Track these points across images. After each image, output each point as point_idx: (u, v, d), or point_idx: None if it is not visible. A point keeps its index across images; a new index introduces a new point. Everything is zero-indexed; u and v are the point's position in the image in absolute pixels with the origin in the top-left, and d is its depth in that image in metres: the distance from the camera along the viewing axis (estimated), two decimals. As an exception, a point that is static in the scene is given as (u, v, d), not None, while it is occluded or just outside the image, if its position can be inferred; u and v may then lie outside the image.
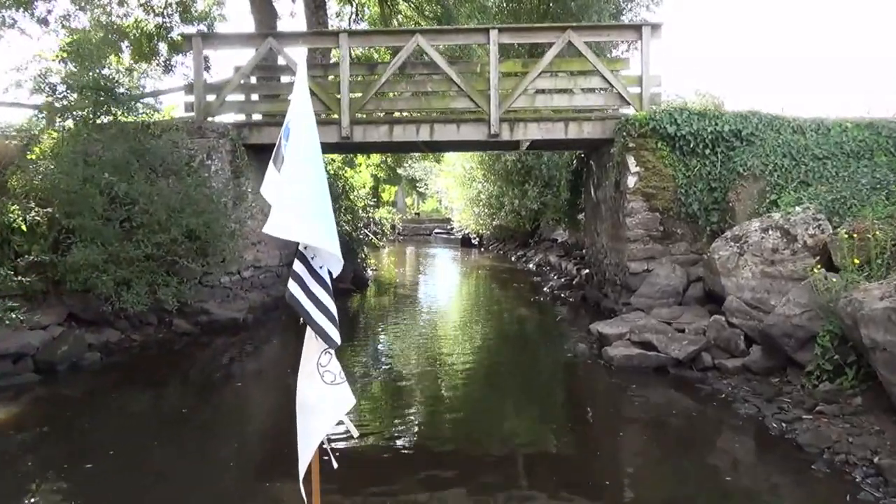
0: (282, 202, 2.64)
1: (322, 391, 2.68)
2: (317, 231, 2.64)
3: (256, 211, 11.31)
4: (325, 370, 2.70)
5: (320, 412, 2.69)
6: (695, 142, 9.24)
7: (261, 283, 11.79)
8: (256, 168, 11.30)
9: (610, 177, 10.42)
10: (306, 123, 2.74)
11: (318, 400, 2.68)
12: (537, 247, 22.86)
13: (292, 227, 2.59)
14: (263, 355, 8.71)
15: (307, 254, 2.74)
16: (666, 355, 7.10)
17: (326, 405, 2.68)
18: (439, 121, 10.36)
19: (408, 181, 39.37)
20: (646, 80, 10.11)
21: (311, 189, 2.68)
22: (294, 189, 2.63)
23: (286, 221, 2.60)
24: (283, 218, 2.60)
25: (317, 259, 2.76)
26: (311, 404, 2.71)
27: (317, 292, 2.72)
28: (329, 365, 2.70)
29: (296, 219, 2.60)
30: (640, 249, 9.47)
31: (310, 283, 2.72)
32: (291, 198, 2.62)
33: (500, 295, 14.44)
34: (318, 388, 2.69)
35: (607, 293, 10.90)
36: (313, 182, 2.70)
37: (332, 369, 2.70)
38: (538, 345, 9.09)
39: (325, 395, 2.68)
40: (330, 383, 2.69)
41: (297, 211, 2.61)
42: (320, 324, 2.67)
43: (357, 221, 16.16)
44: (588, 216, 12.95)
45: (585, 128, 10.23)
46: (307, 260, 2.74)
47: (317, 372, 2.70)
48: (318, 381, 2.69)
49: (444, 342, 9.08)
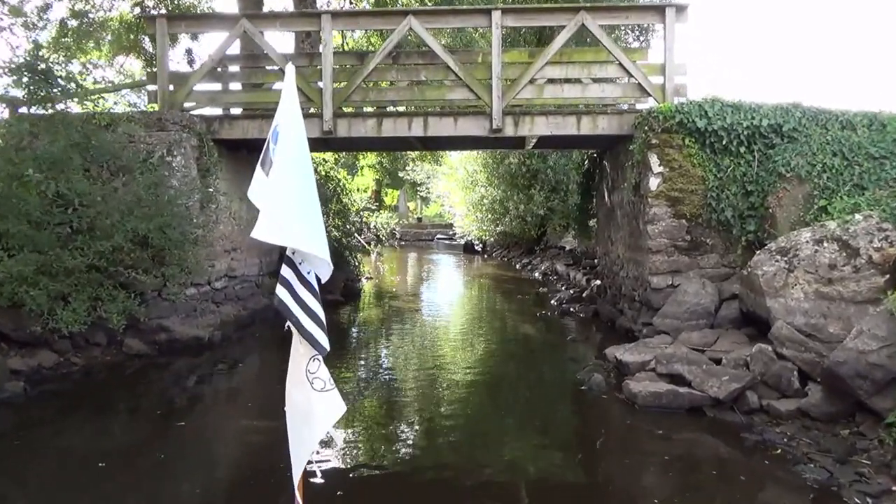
0: (270, 206, 2.60)
1: (312, 398, 2.65)
2: (305, 236, 2.63)
3: (230, 214, 10.12)
4: (314, 377, 2.67)
5: (312, 420, 2.66)
6: (728, 138, 8.00)
7: (236, 294, 10.59)
8: (230, 166, 10.11)
9: (628, 179, 9.18)
10: (295, 127, 2.71)
11: (310, 407, 2.66)
12: (543, 254, 21.62)
13: (280, 231, 2.57)
14: (229, 380, 7.49)
15: (295, 258, 2.71)
16: (702, 393, 5.84)
17: (318, 413, 2.65)
18: (434, 114, 9.14)
19: (410, 185, 38.21)
20: (669, 68, 8.88)
21: (300, 193, 2.66)
22: (282, 193, 2.60)
23: (274, 226, 2.57)
24: (271, 222, 2.58)
25: (305, 264, 2.73)
26: (302, 412, 2.70)
27: (305, 298, 2.69)
28: (318, 372, 2.67)
29: (284, 223, 2.58)
30: (664, 262, 8.22)
31: (298, 288, 2.70)
32: (280, 202, 2.60)
33: (504, 308, 13.18)
34: (308, 396, 2.65)
35: (623, 310, 9.64)
36: (302, 186, 2.68)
37: (322, 376, 2.67)
38: (545, 373, 7.83)
39: (315, 402, 2.65)
40: (320, 390, 2.66)
41: (285, 215, 2.59)
42: (309, 330, 2.65)
43: (349, 226, 14.97)
44: (601, 223, 11.70)
45: (600, 122, 9.00)
46: (295, 265, 2.72)
47: (306, 379, 2.66)
48: (307, 389, 2.65)
49: (436, 369, 7.85)
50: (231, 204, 10.16)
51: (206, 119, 9.24)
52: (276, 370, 8.52)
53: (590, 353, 8.64)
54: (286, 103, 2.77)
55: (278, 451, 4.91)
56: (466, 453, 5.30)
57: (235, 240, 10.41)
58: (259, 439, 5.48)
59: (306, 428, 2.70)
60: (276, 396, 2.78)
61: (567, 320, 11.26)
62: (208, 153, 9.00)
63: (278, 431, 5.66)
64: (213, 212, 9.13)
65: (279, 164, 2.65)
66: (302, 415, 2.71)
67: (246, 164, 10.77)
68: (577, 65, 9.10)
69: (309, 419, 2.68)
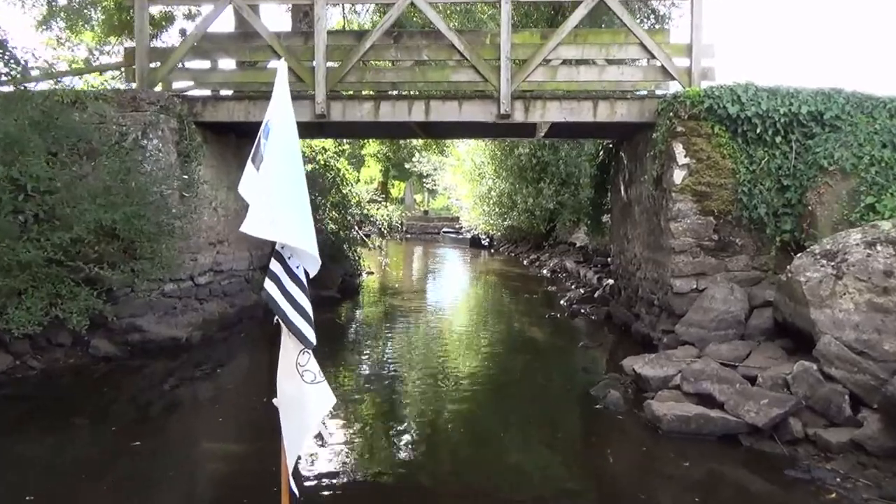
0: (260, 201, 2.61)
1: (303, 390, 2.67)
2: (294, 230, 2.64)
3: (215, 205, 9.38)
4: (304, 370, 2.67)
5: (304, 412, 2.68)
6: (763, 126, 7.17)
7: (222, 290, 9.86)
8: (216, 153, 9.36)
9: (648, 171, 8.37)
10: (287, 123, 2.72)
11: (301, 399, 2.68)
12: (552, 250, 20.82)
13: (269, 226, 2.58)
14: (205, 388, 6.76)
15: (284, 253, 2.73)
16: (736, 418, 5.05)
17: (309, 404, 2.68)
18: (437, 97, 8.35)
19: (416, 177, 37.42)
20: (696, 49, 8.05)
21: (289, 189, 2.67)
22: (272, 188, 2.61)
23: (263, 220, 2.59)
24: (261, 217, 2.59)
25: (294, 258, 2.74)
26: (294, 404, 2.72)
27: (293, 292, 2.71)
28: (308, 364, 2.68)
29: (273, 218, 2.59)
30: (688, 263, 7.41)
31: (286, 282, 2.71)
32: (270, 197, 2.60)
33: (510, 308, 12.40)
34: (298, 388, 2.67)
35: (640, 314, 8.85)
36: (291, 182, 2.69)
37: (312, 368, 2.68)
38: (555, 386, 7.05)
39: (306, 394, 2.67)
40: (310, 382, 2.67)
41: (274, 210, 2.60)
42: (296, 324, 2.67)
43: (349, 219, 14.20)
44: (615, 219, 10.89)
45: (619, 108, 8.18)
46: (284, 259, 2.73)
47: (296, 372, 2.67)
48: (298, 381, 2.67)
49: (434, 379, 7.09)
50: (216, 193, 9.42)
51: (188, 100, 8.48)
52: (261, 376, 7.79)
53: (604, 362, 7.86)
54: (278, 99, 2.75)
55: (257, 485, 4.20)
56: (466, 481, 4.54)
57: (222, 232, 9.67)
58: (230, 470, 4.70)
59: (298, 420, 2.72)
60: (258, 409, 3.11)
61: (577, 323, 10.48)
62: (189, 137, 8.24)
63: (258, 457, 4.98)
64: (194, 201, 8.38)
65: (269, 160, 2.64)
66: (294, 406, 2.73)
67: (234, 150, 10.02)
68: (594, 46, 8.27)
69: (301, 411, 2.70)
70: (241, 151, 10.21)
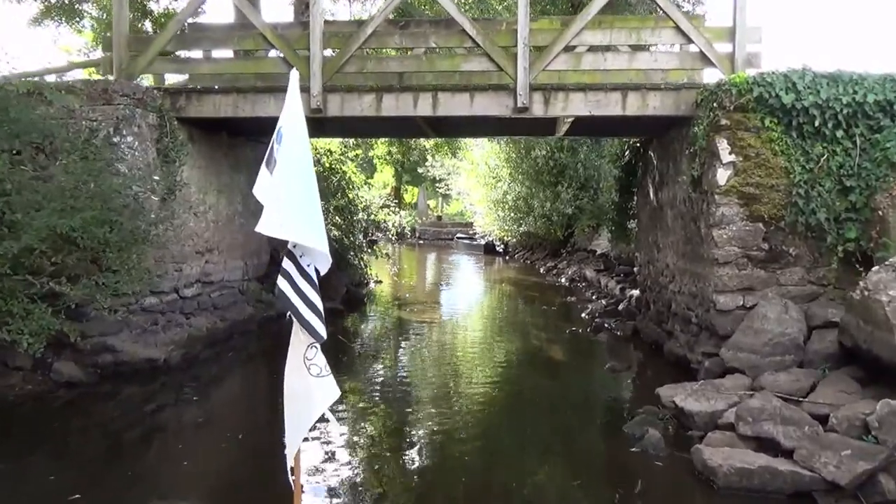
0: (274, 203, 2.75)
1: (309, 383, 2.80)
2: (306, 230, 2.81)
3: (204, 209, 8.55)
4: (311, 363, 2.79)
5: (308, 404, 2.81)
6: (822, 118, 6.19)
7: (212, 303, 9.01)
8: (204, 152, 8.53)
9: (684, 171, 7.42)
10: (299, 130, 2.90)
11: (306, 392, 2.80)
12: (570, 258, 19.84)
13: (282, 226, 2.74)
14: (178, 420, 5.89)
15: (296, 252, 2.87)
16: (811, 472, 4.08)
17: (314, 397, 2.80)
18: (446, 89, 7.45)
19: (430, 182, 36.57)
20: (740, 33, 7.11)
21: (302, 191, 2.84)
22: (285, 190, 2.77)
23: (278, 220, 2.73)
24: (276, 217, 2.73)
25: (305, 257, 2.88)
26: (299, 396, 2.84)
27: (304, 288, 2.83)
28: (315, 358, 2.80)
29: (287, 218, 2.75)
30: (734, 276, 6.44)
31: (298, 279, 2.83)
32: (282, 199, 2.75)
33: (527, 321, 11.44)
34: (305, 381, 2.80)
35: (673, 332, 7.87)
36: (304, 185, 2.86)
37: (318, 362, 2.81)
38: (581, 421, 6.09)
39: (312, 387, 2.80)
40: (316, 376, 2.80)
41: (287, 211, 2.75)
42: (307, 318, 2.80)
43: (354, 225, 13.33)
44: (643, 225, 9.91)
45: (651, 100, 7.24)
46: (296, 258, 2.86)
47: (304, 365, 2.80)
48: (304, 374, 2.80)
49: (441, 408, 6.18)
50: (205, 197, 8.58)
51: (170, 93, 7.66)
52: (247, 403, 6.75)
53: (636, 389, 6.90)
54: (290, 106, 2.91)
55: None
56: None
57: (211, 240, 8.84)
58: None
59: (303, 412, 2.82)
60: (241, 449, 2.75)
61: (601, 339, 9.51)
62: (171, 134, 7.42)
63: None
64: (176, 206, 7.55)
65: (282, 164, 2.78)
66: (299, 399, 2.82)
67: (226, 150, 9.19)
68: (623, 30, 7.34)
69: (306, 403, 2.81)
70: (233, 152, 9.39)
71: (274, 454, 3.84)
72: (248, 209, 9.96)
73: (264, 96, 7.55)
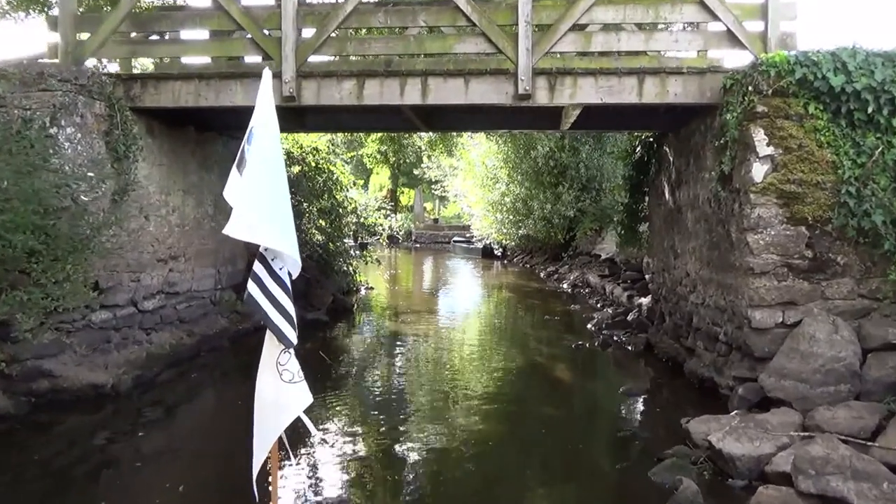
0: (243, 205, 2.69)
1: (280, 389, 2.74)
2: (277, 234, 2.76)
3: (166, 212, 7.63)
4: (283, 369, 2.74)
5: (279, 410, 2.73)
6: (876, 104, 5.29)
7: (178, 316, 8.08)
8: (166, 148, 7.62)
9: (708, 167, 6.51)
10: (270, 131, 2.83)
11: (277, 398, 2.74)
12: (572, 262, 18.93)
13: (253, 229, 2.68)
14: (118, 458, 4.95)
15: (268, 255, 2.82)
16: (903, 550, 3.16)
17: (285, 403, 2.73)
18: (437, 73, 6.53)
19: (426, 184, 35.65)
20: (773, 9, 6.20)
21: (272, 193, 2.79)
22: (255, 192, 2.71)
23: (247, 224, 2.67)
24: (245, 220, 2.67)
25: (277, 261, 2.83)
26: (269, 402, 2.76)
27: (276, 293, 2.79)
28: (288, 364, 2.74)
29: (257, 221, 2.69)
30: (772, 289, 5.52)
31: (269, 284, 2.78)
32: (252, 201, 2.70)
33: (528, 333, 10.50)
34: (276, 387, 2.74)
35: (695, 349, 6.96)
36: (274, 187, 2.81)
37: (291, 368, 2.74)
38: (600, 460, 5.16)
39: (283, 393, 2.74)
40: (288, 381, 2.74)
41: (258, 214, 2.69)
42: (277, 324, 2.75)
43: (341, 228, 12.41)
44: (656, 228, 9.00)
45: (672, 86, 6.33)
46: (268, 261, 2.81)
47: (276, 370, 2.74)
48: (276, 380, 2.74)
49: (432, 444, 5.25)
50: (168, 198, 7.66)
51: (122, 80, 6.73)
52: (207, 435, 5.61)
53: (657, 418, 5.97)
54: (262, 108, 2.84)
55: None
56: None
57: (176, 245, 7.91)
58: None
59: (272, 418, 2.75)
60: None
61: (611, 354, 8.60)
62: (122, 126, 6.48)
63: None
64: (132, 208, 6.63)
65: (252, 165, 2.71)
66: (269, 404, 2.75)
67: (193, 146, 8.27)
68: (639, 6, 6.42)
69: (276, 409, 2.74)
70: (202, 148, 8.46)
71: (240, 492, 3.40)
72: (221, 211, 9.02)
73: (230, 83, 6.63)
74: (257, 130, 2.79)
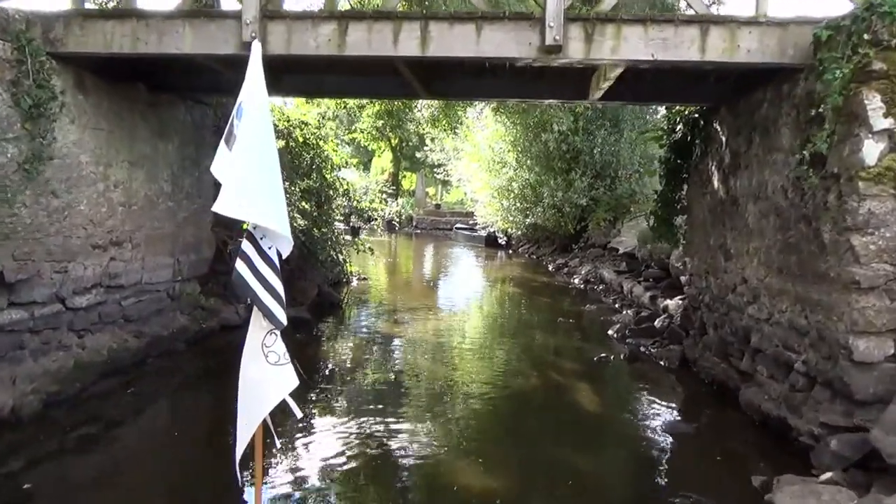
0: (233, 181, 2.63)
1: (266, 371, 2.68)
2: (268, 211, 2.67)
3: (108, 187, 6.23)
4: (269, 350, 2.68)
5: (263, 392, 2.68)
6: None
7: (123, 314, 6.71)
8: (107, 108, 6.21)
9: (783, 147, 5.09)
10: (260, 105, 2.75)
11: (262, 380, 2.68)
12: (583, 254, 17.53)
13: (243, 206, 2.63)
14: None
15: (256, 234, 2.74)
16: None
17: (270, 385, 2.68)
18: (441, 17, 5.08)
19: (429, 168, 34.14)
20: (882, -59, 4.72)
21: (263, 170, 2.70)
22: (245, 169, 2.64)
23: (237, 200, 2.61)
24: (234, 197, 2.61)
25: (266, 239, 2.75)
26: (254, 384, 2.70)
27: (265, 272, 2.72)
28: (274, 346, 2.69)
29: (247, 198, 2.63)
30: (884, 310, 4.11)
31: (258, 263, 2.71)
32: (242, 177, 2.63)
33: (541, 342, 9.07)
34: (261, 369, 2.69)
35: (756, 376, 5.57)
36: (265, 163, 2.72)
37: (277, 350, 2.69)
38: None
39: (268, 375, 2.69)
40: (274, 364, 2.68)
41: (248, 190, 2.63)
42: (267, 304, 2.68)
43: (330, 212, 11.00)
44: (698, 221, 7.57)
45: (745, 40, 4.88)
46: (256, 240, 2.74)
47: (261, 352, 2.69)
48: (262, 362, 2.68)
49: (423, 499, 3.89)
50: (109, 171, 6.25)
51: (39, 19, 5.27)
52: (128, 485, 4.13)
53: (722, 474, 4.57)
54: (252, 81, 2.76)
55: None
56: None
57: (119, 229, 6.51)
58: None
59: (257, 400, 2.69)
60: None
61: (641, 370, 7.25)
62: (36, 76, 5.05)
63: None
64: (54, 180, 5.22)
65: (242, 140, 2.65)
66: (254, 386, 2.69)
67: (145, 108, 6.84)
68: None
69: (260, 391, 2.68)
70: (156, 113, 7.03)
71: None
72: (181, 189, 7.62)
73: (176, 24, 5.18)
74: (247, 105, 2.70)
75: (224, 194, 2.59)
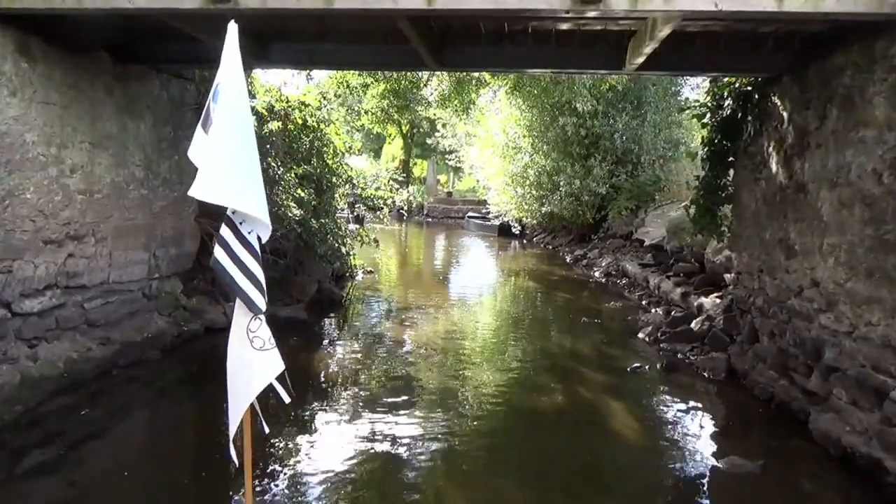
0: (209, 166, 2.57)
1: (251, 357, 2.65)
2: (246, 196, 2.61)
3: (62, 172, 5.34)
4: (254, 336, 2.64)
5: (249, 377, 2.65)
6: None
7: (87, 318, 5.84)
8: (61, 80, 5.31)
9: (875, 122, 4.11)
10: (237, 87, 2.64)
11: (248, 365, 2.65)
12: (602, 245, 16.53)
13: (221, 191, 2.57)
14: None
15: (235, 219, 2.67)
16: None
17: (255, 370, 2.65)
18: (452, -39, 4.09)
19: (440, 155, 33.11)
20: None
21: (240, 153, 2.63)
22: (222, 152, 2.57)
23: (214, 185, 2.56)
24: (211, 181, 2.55)
25: (245, 224, 2.68)
26: (240, 369, 2.68)
27: (244, 258, 2.67)
28: (258, 331, 2.64)
29: (224, 183, 2.57)
30: None
31: (237, 248, 2.66)
32: (219, 161, 2.57)
33: (566, 347, 8.09)
34: (247, 354, 2.65)
35: (833, 400, 4.62)
36: (242, 146, 2.64)
37: (262, 335, 2.65)
38: None
39: (254, 360, 2.65)
40: (259, 349, 2.65)
41: (225, 175, 2.57)
42: (245, 290, 2.64)
43: (330, 202, 10.08)
44: (749, 211, 6.58)
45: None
46: (235, 225, 2.67)
47: (246, 337, 2.65)
48: (247, 347, 2.65)
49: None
50: (64, 154, 5.35)
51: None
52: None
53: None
54: (228, 63, 2.64)
55: None
56: None
57: (80, 220, 5.62)
58: None
59: (244, 385, 2.66)
60: None
61: (680, 382, 6.29)
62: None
63: None
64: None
65: (219, 123, 2.58)
66: (240, 372, 2.66)
67: (111, 80, 5.92)
68: None
69: (247, 376, 2.64)
70: (124, 87, 6.11)
71: None
72: (157, 175, 6.72)
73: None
74: (224, 87, 2.57)
75: (200, 178, 2.52)
